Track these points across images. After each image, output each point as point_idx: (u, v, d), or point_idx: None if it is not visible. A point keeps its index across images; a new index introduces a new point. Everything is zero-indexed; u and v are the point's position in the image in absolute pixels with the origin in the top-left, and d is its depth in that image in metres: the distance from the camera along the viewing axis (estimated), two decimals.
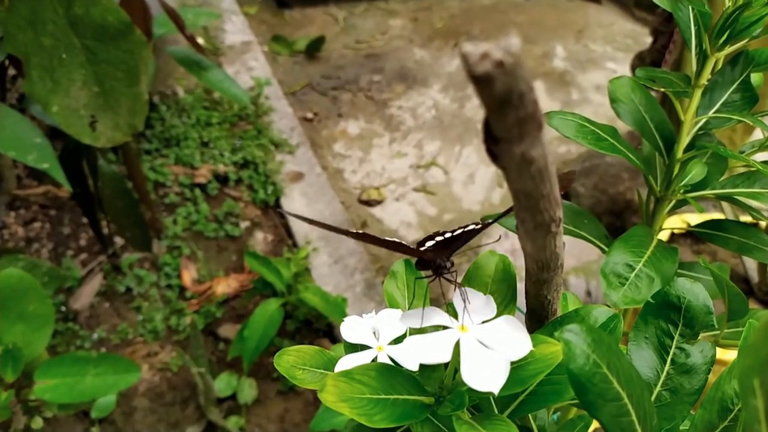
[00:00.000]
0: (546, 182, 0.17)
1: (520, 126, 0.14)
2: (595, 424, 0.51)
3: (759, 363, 0.14)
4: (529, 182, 0.17)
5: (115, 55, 0.69)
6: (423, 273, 0.28)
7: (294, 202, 1.18)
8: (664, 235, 0.84)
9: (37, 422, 0.86)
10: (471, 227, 0.26)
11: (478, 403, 0.27)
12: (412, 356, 0.23)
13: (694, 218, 0.85)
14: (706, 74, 0.39)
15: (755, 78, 0.42)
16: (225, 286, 1.02)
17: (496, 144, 0.15)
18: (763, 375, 0.14)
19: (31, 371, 0.69)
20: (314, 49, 1.60)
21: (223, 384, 0.90)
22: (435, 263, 0.26)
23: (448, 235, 0.26)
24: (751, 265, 0.81)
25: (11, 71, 0.90)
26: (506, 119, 0.14)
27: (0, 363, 0.66)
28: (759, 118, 0.38)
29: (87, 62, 0.69)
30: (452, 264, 0.26)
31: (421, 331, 0.25)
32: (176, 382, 0.93)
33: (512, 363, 0.23)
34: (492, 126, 0.15)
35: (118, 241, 1.05)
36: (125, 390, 0.90)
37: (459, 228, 0.26)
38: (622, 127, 0.45)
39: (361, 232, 0.26)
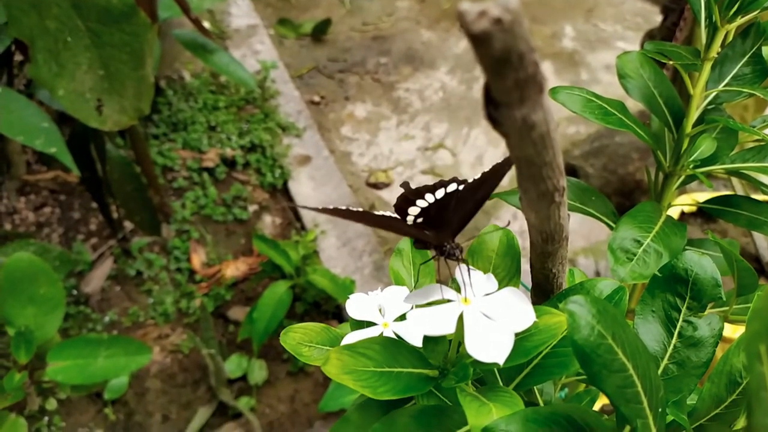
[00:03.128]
0: (548, 149, 0.17)
1: (520, 88, 0.14)
2: (601, 401, 0.51)
3: (766, 328, 0.14)
4: (531, 149, 0.16)
5: (119, 38, 0.69)
6: (429, 254, 0.28)
7: (302, 185, 1.18)
8: (673, 214, 0.83)
9: (52, 403, 0.87)
10: (452, 186, 0.25)
11: (483, 377, 0.27)
12: (416, 329, 0.23)
13: (704, 198, 0.84)
14: (716, 47, 0.38)
15: (767, 51, 0.41)
16: (234, 269, 1.03)
17: (496, 109, 0.15)
18: None
19: (44, 353, 0.70)
20: (320, 31, 1.58)
21: (233, 365, 0.91)
22: (442, 248, 0.25)
23: (430, 197, 0.26)
24: (762, 243, 0.80)
25: (19, 58, 0.90)
26: (506, 81, 0.14)
27: (13, 345, 0.67)
28: None
29: (92, 45, 0.69)
30: (461, 251, 0.25)
31: (426, 305, 0.24)
32: (187, 364, 0.94)
33: (516, 334, 0.23)
34: (492, 89, 0.14)
35: (128, 225, 1.06)
36: (137, 372, 0.91)
37: (439, 186, 0.26)
38: (632, 107, 0.44)
39: (361, 210, 0.26)
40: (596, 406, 0.39)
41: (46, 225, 1.08)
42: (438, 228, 0.26)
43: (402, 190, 0.28)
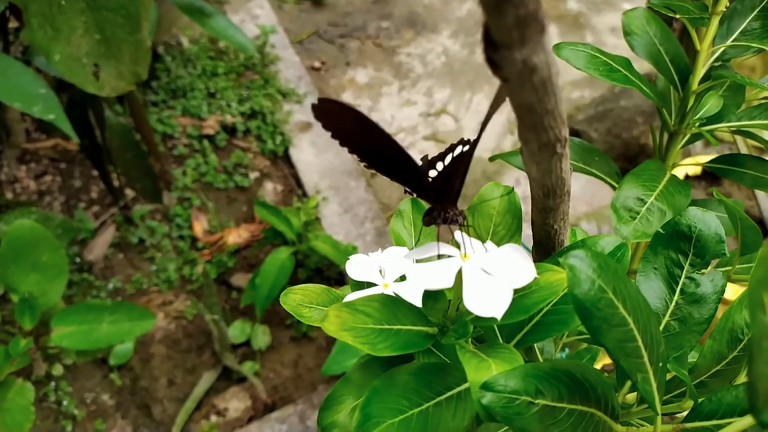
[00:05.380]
0: (550, 95, 0.16)
1: (521, 27, 0.13)
2: (601, 361, 0.51)
3: None
4: (532, 95, 0.16)
5: (114, 1, 0.68)
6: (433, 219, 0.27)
7: (303, 152, 1.17)
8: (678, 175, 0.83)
9: (58, 369, 0.88)
10: (459, 149, 0.25)
11: (482, 335, 0.26)
12: (415, 283, 0.22)
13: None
14: (725, 1, 0.37)
15: None
16: (236, 236, 1.03)
17: (496, 51, 0.14)
18: None
19: (48, 320, 0.71)
20: None
21: (237, 331, 0.91)
22: (445, 215, 0.25)
23: (440, 166, 0.25)
24: (766, 206, 0.79)
25: (14, 24, 0.89)
26: (506, 19, 0.13)
27: (17, 311, 0.67)
28: None
29: (87, 8, 0.68)
30: (464, 218, 0.25)
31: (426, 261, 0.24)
32: (191, 330, 0.94)
33: (516, 291, 0.23)
34: (491, 29, 0.14)
35: (129, 193, 1.06)
36: (142, 338, 0.92)
37: (448, 151, 0.25)
38: (639, 69, 0.43)
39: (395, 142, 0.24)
40: (596, 366, 0.39)
41: (48, 193, 1.08)
42: (443, 195, 0.25)
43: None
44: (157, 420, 0.86)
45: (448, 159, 0.24)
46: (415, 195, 0.26)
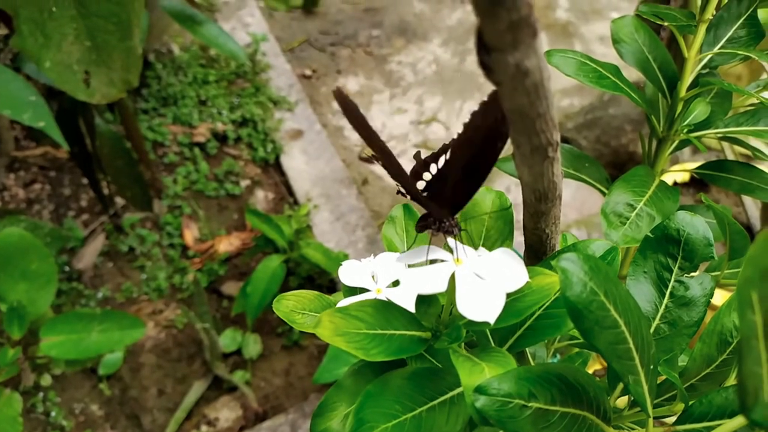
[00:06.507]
0: (542, 99, 0.16)
1: (513, 31, 0.14)
2: (593, 367, 0.51)
3: (758, 274, 0.14)
4: (524, 98, 0.16)
5: (105, 8, 0.68)
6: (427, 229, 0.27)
7: (294, 159, 1.17)
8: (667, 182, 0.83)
9: (46, 379, 0.87)
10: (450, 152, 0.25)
11: (475, 340, 0.27)
12: (408, 288, 0.23)
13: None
14: (711, 9, 0.38)
15: (762, 13, 0.41)
16: (227, 244, 1.03)
17: (489, 54, 0.15)
18: (762, 288, 0.14)
19: (37, 329, 0.70)
20: (311, 3, 1.56)
21: (228, 340, 0.91)
22: (440, 224, 0.24)
23: (434, 168, 0.25)
24: (753, 213, 0.80)
25: (4, 31, 0.88)
26: (498, 23, 0.13)
27: (5, 320, 0.66)
28: (766, 54, 0.37)
29: (78, 15, 0.68)
30: (459, 229, 0.24)
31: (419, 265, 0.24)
32: (182, 339, 0.94)
33: (509, 295, 0.23)
34: (484, 33, 0.14)
35: (119, 201, 1.05)
36: (132, 347, 0.91)
37: (442, 152, 0.25)
38: (627, 77, 0.43)
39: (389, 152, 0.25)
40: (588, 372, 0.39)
41: (37, 202, 1.07)
42: (438, 201, 0.25)
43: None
44: (147, 430, 0.86)
45: (442, 161, 0.24)
46: (409, 198, 0.26)
